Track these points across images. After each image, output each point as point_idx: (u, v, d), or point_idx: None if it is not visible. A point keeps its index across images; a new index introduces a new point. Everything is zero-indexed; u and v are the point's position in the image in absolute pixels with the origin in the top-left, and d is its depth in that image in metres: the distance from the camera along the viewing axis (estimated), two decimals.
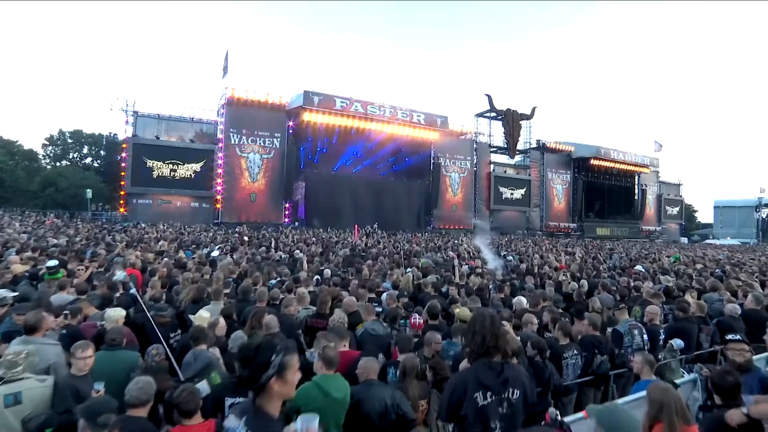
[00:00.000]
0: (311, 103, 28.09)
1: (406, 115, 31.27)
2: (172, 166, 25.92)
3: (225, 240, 15.34)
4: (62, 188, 30.11)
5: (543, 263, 11.03)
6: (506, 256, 13.32)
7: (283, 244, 14.50)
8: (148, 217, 24.29)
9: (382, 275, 7.96)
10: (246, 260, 9.57)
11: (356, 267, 8.84)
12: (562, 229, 40.26)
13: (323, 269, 8.53)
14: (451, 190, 35.47)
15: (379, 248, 14.62)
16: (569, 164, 42.21)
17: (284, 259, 10.49)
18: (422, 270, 8.92)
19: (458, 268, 8.16)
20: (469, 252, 14.91)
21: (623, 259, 13.59)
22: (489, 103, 36.52)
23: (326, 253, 11.86)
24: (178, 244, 12.40)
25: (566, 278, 8.22)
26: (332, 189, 30.41)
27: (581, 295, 7.01)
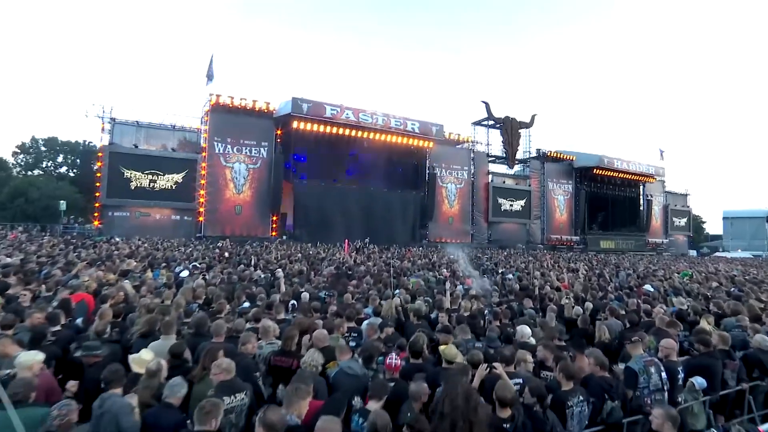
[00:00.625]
0: (300, 110, 27.78)
1: (400, 123, 31.02)
2: (152, 176, 25.40)
3: (203, 256, 14.78)
4: (33, 199, 29.41)
5: (544, 282, 10.55)
6: (505, 273, 12.83)
7: (266, 261, 13.96)
8: (125, 231, 23.64)
9: (365, 300, 7.44)
10: (220, 281, 9.04)
11: (339, 289, 8.32)
12: (565, 242, 39.89)
13: (302, 292, 8.00)
14: (448, 201, 35.12)
15: (369, 266, 14.12)
16: (571, 174, 42.05)
17: (262, 279, 9.95)
18: (411, 292, 8.43)
19: (449, 290, 7.65)
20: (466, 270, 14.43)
21: (630, 276, 13.14)
22: (487, 111, 36.43)
23: (309, 271, 11.32)
24: (149, 263, 11.83)
25: (569, 301, 7.73)
26: (322, 201, 29.96)
27: (586, 321, 6.53)
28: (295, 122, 27.95)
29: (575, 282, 10.94)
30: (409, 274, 12.44)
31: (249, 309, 6.51)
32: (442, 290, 8.52)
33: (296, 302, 7.10)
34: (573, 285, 10.59)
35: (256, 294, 7.60)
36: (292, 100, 27.69)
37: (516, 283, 10.34)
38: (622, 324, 6.66)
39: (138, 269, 10.22)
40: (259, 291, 7.93)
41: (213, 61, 27.60)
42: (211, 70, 27.48)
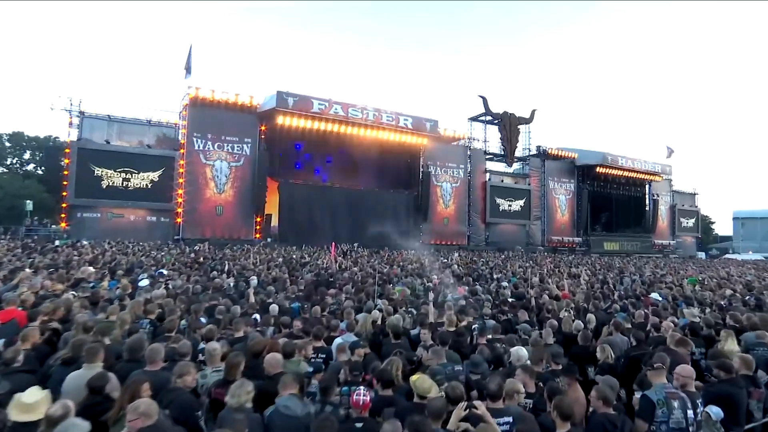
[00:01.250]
0: (285, 104, 27.20)
1: (392, 118, 30.51)
2: (125, 174, 24.67)
3: (174, 261, 14.16)
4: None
5: (542, 290, 10.04)
6: (500, 280, 12.31)
7: (241, 267, 13.37)
8: (96, 234, 22.92)
9: (341, 312, 6.88)
10: (182, 291, 8.44)
11: (314, 300, 7.75)
12: (566, 243, 39.51)
13: (270, 303, 7.42)
14: (443, 201, 34.63)
15: (354, 271, 13.56)
16: (573, 172, 41.68)
17: (231, 288, 9.36)
18: (394, 303, 7.87)
19: (431, 302, 7.09)
20: (460, 275, 13.90)
21: (636, 282, 12.65)
22: (484, 106, 36.00)
23: (282, 279, 10.73)
24: (109, 269, 11.20)
25: (569, 313, 7.21)
26: (309, 201, 29.43)
27: (587, 338, 6.00)
28: (280, 117, 27.36)
29: (577, 290, 10.44)
30: (397, 280, 11.89)
31: (204, 325, 5.93)
32: (427, 301, 7.97)
33: (258, 316, 6.50)
34: (574, 293, 10.10)
35: (221, 307, 7.01)
36: (276, 93, 27.11)
37: (511, 291, 9.81)
38: (628, 340, 6.14)
39: (94, 277, 9.59)
40: (226, 303, 7.36)
41: (192, 53, 26.93)
42: (190, 62, 26.80)
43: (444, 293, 9.15)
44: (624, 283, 12.37)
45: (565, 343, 6.47)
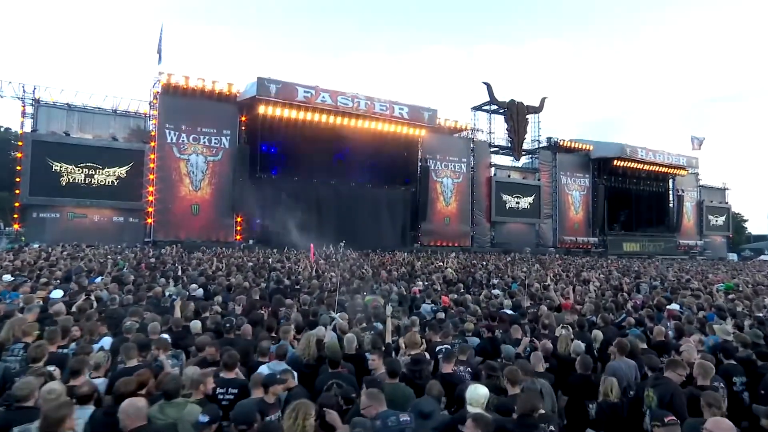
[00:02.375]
0: (267, 92, 26.16)
1: (386, 107, 29.43)
2: (88, 170, 23.75)
3: (123, 268, 13.15)
4: None
5: (542, 300, 8.92)
6: (496, 287, 11.20)
7: (200, 272, 12.32)
8: (55, 236, 21.98)
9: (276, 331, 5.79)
10: (92, 305, 7.39)
11: (252, 316, 6.66)
12: (581, 245, 38.25)
13: (192, 319, 6.35)
14: (443, 198, 33.50)
15: (329, 277, 12.47)
16: (587, 166, 40.42)
17: (166, 299, 8.29)
18: (351, 317, 6.79)
19: (390, 315, 5.97)
20: (452, 280, 12.81)
21: (657, 290, 11.43)
22: (488, 94, 34.87)
23: (240, 287, 9.66)
24: (37, 277, 10.18)
25: (567, 330, 6.09)
26: (295, 199, 28.32)
27: (587, 364, 4.89)
28: (261, 107, 26.36)
29: (585, 298, 9.30)
30: (376, 287, 10.80)
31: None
32: (398, 314, 6.88)
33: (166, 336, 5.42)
34: (583, 302, 8.96)
35: (130, 323, 5.96)
36: (257, 80, 26.05)
37: (506, 300, 8.68)
38: (638, 367, 5.04)
39: (4, 287, 8.56)
40: (152, 318, 6.31)
41: (163, 34, 25.99)
42: (161, 45, 25.88)
43: (417, 304, 8.05)
44: (641, 290, 11.18)
45: (559, 370, 5.38)
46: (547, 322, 6.66)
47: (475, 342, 6.42)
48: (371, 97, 29.13)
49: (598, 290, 10.53)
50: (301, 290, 9.98)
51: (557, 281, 12.41)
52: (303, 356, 5.08)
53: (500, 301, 8.75)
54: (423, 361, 4.56)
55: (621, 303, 8.77)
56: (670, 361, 4.56)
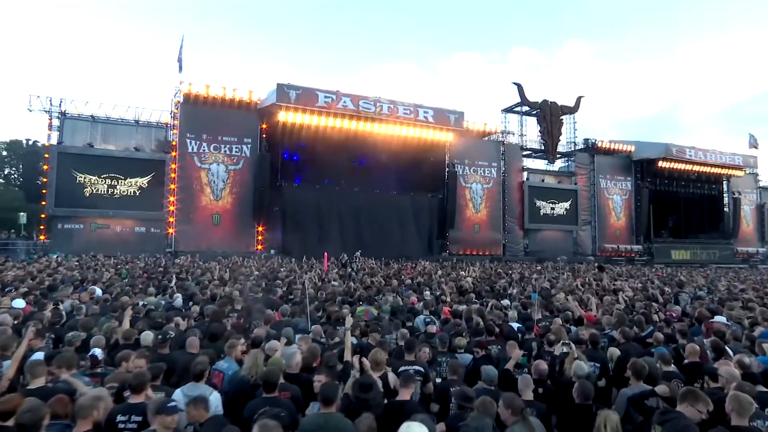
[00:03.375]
0: (287, 98, 25.94)
1: (409, 111, 28.67)
2: (111, 181, 24.13)
3: (124, 276, 12.90)
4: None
5: (560, 311, 7.87)
6: (510, 297, 10.14)
7: (197, 282, 11.89)
8: (79, 247, 22.31)
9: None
10: (61, 317, 6.95)
11: (213, 328, 6.00)
12: (623, 253, 36.05)
13: (141, 331, 5.72)
14: (472, 205, 32.35)
15: (334, 286, 11.78)
16: (629, 168, 38.29)
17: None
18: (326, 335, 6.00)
19: (348, 330, 5.13)
20: (466, 290, 11.82)
21: (705, 301, 10.01)
22: (519, 94, 33.57)
23: (226, 299, 9.08)
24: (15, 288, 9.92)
25: (570, 349, 5.08)
26: (317, 208, 28.06)
27: (587, 393, 3.91)
28: (281, 113, 26.15)
29: (613, 310, 8.15)
30: (381, 295, 10.01)
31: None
32: (347, 329, 6.00)
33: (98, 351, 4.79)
34: (607, 314, 7.84)
35: (71, 335, 5.41)
36: (276, 86, 25.90)
37: (512, 312, 7.67)
38: (656, 402, 4.01)
39: None
40: (107, 330, 5.79)
41: (184, 44, 26.31)
42: (182, 55, 26.18)
43: (410, 316, 7.17)
44: (681, 301, 9.79)
45: (557, 397, 4.42)
46: (553, 338, 5.65)
47: (468, 360, 5.56)
48: (394, 100, 28.49)
49: (630, 301, 9.32)
50: (292, 301, 9.33)
51: (584, 291, 11.20)
52: (249, 376, 4.35)
53: (510, 312, 7.74)
54: (371, 386, 3.71)
55: (649, 315, 7.57)
56: (687, 390, 3.54)
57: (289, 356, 4.36)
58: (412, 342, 5.37)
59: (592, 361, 5.37)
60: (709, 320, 7.26)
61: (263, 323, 6.68)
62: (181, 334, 5.53)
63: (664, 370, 4.92)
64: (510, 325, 6.82)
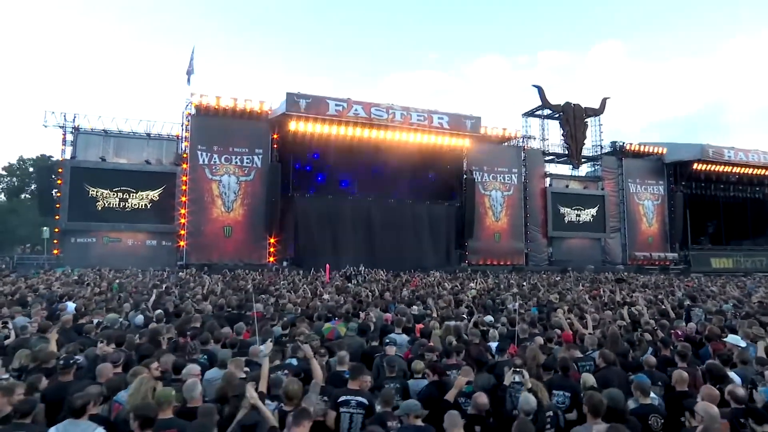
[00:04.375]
0: (296, 107, 25.88)
1: (423, 117, 28.15)
2: (122, 194, 24.50)
3: (115, 290, 12.80)
4: (13, 227, 29.84)
5: (544, 328, 7.18)
6: (502, 312, 9.42)
7: (180, 296, 11.65)
8: (92, 261, 22.63)
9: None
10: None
11: (142, 349, 5.60)
12: (656, 261, 34.29)
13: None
14: (492, 213, 31.45)
15: (326, 298, 11.34)
16: (661, 172, 36.57)
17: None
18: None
19: (266, 355, 4.57)
20: (462, 303, 11.16)
21: (726, 316, 8.99)
22: (540, 97, 32.67)
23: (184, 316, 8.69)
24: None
25: (522, 376, 4.43)
26: (330, 218, 27.80)
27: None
28: (292, 123, 26.10)
29: (603, 328, 7.38)
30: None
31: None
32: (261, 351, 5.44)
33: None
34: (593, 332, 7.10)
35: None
36: (286, 95, 25.87)
37: (494, 331, 7.01)
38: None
39: None
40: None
41: (194, 55, 26.67)
42: (192, 65, 26.54)
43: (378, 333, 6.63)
44: (693, 317, 8.81)
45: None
46: (518, 362, 5.00)
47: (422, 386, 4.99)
48: (407, 107, 28.05)
49: (635, 317, 8.47)
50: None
51: (591, 305, 10.34)
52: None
53: (492, 332, 7.09)
54: (256, 425, 3.20)
55: (652, 333, 6.77)
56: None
57: (190, 386, 3.87)
58: (359, 368, 4.82)
59: (561, 390, 4.74)
60: (720, 340, 6.43)
61: (213, 342, 6.29)
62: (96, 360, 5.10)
63: (641, 403, 4.24)
64: (481, 346, 6.19)
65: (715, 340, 6.49)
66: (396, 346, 6.14)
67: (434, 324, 7.75)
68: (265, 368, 4.15)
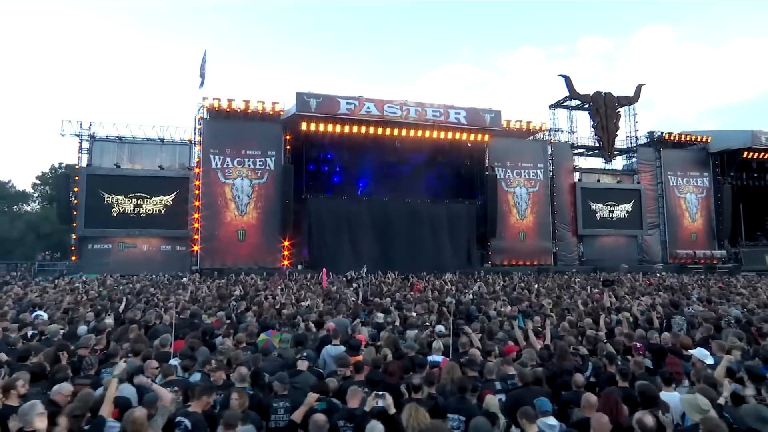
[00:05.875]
0: (307, 108, 25.93)
1: (439, 113, 27.63)
2: (136, 200, 25.29)
3: (103, 297, 13.14)
4: (45, 234, 31.57)
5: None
6: (477, 319, 8.92)
7: (158, 303, 11.76)
8: (108, 268, 23.44)
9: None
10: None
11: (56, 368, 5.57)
12: (701, 259, 32.27)
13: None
14: (517, 211, 30.50)
15: (296, 306, 11.20)
16: (706, 162, 34.48)
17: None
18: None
19: (114, 386, 4.37)
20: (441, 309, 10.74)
21: (722, 325, 8.15)
22: (567, 87, 31.50)
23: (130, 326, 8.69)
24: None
25: (413, 404, 4.06)
26: (345, 219, 27.67)
27: None
28: (303, 123, 26.18)
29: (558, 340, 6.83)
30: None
31: None
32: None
33: None
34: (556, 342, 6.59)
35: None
36: (296, 96, 25.98)
37: (437, 342, 6.60)
38: None
39: None
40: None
41: (206, 58, 27.21)
42: (204, 68, 27.08)
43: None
44: (674, 326, 7.94)
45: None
46: (417, 381, 4.62)
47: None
48: (422, 103, 27.62)
49: (608, 325, 7.82)
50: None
51: (573, 311, 9.69)
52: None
53: (435, 343, 6.69)
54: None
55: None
56: None
57: (27, 408, 3.74)
58: (204, 389, 4.55)
59: (456, 413, 4.34)
60: (683, 353, 5.81)
61: (132, 355, 6.22)
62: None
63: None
64: (402, 361, 5.83)
65: (677, 353, 5.86)
66: (311, 361, 5.87)
67: (385, 334, 7.42)
68: (110, 389, 3.99)
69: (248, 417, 4.37)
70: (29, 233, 32.65)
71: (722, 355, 5.85)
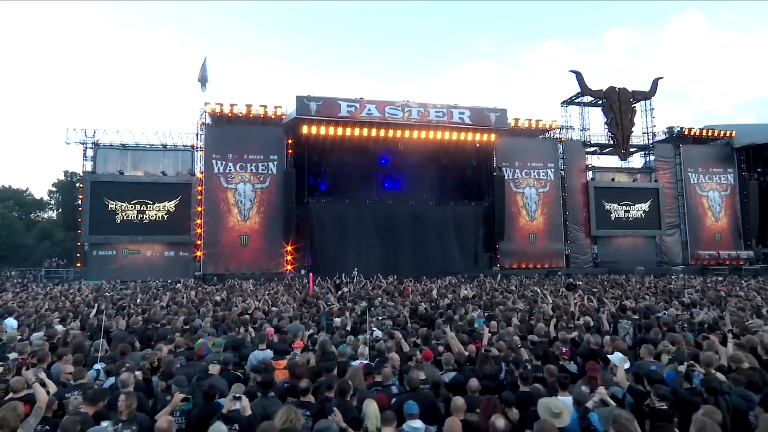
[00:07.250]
0: (307, 111, 26.20)
1: (443, 114, 27.51)
2: (140, 206, 25.94)
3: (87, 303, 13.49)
4: (59, 240, 32.74)
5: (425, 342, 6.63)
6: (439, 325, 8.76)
7: (136, 311, 12.01)
8: (112, 273, 24.14)
9: None
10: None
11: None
12: (726, 260, 31.05)
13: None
14: (526, 212, 30.05)
15: (270, 311, 11.26)
16: (730, 158, 33.33)
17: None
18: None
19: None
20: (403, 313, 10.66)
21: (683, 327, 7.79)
22: (578, 83, 30.88)
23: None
24: None
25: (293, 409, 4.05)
26: (349, 223, 27.73)
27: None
28: (304, 127, 26.43)
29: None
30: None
31: None
32: None
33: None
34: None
35: None
36: (296, 99, 26.25)
37: (361, 347, 6.55)
38: None
39: None
40: None
41: (206, 63, 27.75)
42: (205, 71, 27.59)
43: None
44: (620, 330, 7.47)
45: None
46: (304, 385, 4.60)
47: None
48: (425, 103, 27.57)
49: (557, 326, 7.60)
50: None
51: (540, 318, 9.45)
52: None
53: (360, 349, 6.66)
54: None
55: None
56: None
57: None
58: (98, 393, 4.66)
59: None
60: (603, 358, 5.62)
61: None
62: None
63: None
64: (318, 365, 5.83)
65: (602, 358, 5.67)
66: (227, 364, 5.91)
67: (321, 339, 7.42)
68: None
69: (135, 419, 4.44)
70: (44, 240, 34.01)
71: (650, 360, 5.67)
